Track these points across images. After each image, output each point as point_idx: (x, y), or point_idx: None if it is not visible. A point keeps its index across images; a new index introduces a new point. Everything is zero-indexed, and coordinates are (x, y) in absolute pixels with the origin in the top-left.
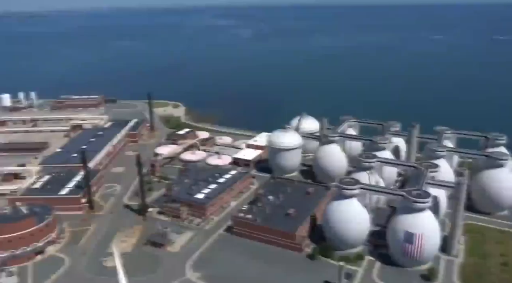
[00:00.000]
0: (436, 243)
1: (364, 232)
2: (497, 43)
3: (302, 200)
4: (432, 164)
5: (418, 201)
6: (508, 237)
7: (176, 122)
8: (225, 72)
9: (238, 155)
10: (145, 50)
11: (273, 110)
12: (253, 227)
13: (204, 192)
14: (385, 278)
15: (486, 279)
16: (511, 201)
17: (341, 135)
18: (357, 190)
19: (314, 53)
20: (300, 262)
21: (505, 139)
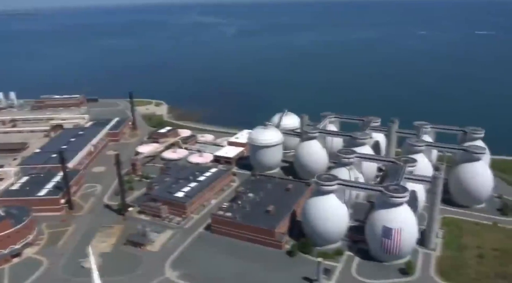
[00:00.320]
0: (414, 237)
1: (343, 227)
2: (479, 38)
3: (282, 197)
4: (410, 158)
5: (395, 196)
6: (484, 230)
7: (158, 121)
8: (208, 69)
9: (220, 153)
10: (129, 48)
11: (256, 107)
12: (232, 224)
13: (184, 190)
14: (363, 273)
15: (463, 271)
16: (488, 194)
17: (321, 131)
18: (335, 186)
19: (298, 49)
20: (279, 258)
21: (483, 133)
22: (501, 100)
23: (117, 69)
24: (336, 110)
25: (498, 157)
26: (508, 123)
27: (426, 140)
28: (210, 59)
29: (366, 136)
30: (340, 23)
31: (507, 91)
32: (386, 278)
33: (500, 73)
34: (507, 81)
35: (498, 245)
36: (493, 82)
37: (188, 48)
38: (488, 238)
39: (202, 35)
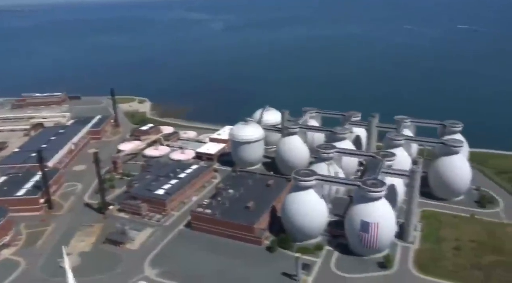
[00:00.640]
0: (392, 231)
1: (322, 222)
2: (461, 32)
3: (262, 193)
4: (389, 153)
5: (372, 190)
6: (462, 222)
7: (141, 118)
8: (194, 66)
9: (201, 149)
10: (115, 45)
11: (240, 102)
12: (212, 221)
13: (164, 188)
14: (342, 268)
15: (440, 264)
16: (466, 186)
17: (301, 126)
18: (313, 182)
19: (283, 44)
20: (259, 254)
21: (461, 126)
22: (480, 93)
23: (101, 66)
24: (319, 105)
25: (477, 150)
26: (487, 116)
27: (406, 134)
28: (196, 55)
29: (346, 131)
30: (325, 18)
31: (485, 84)
32: (365, 272)
33: (479, 66)
34: (485, 74)
35: (475, 236)
36: (473, 75)
37: (174, 45)
38: (465, 230)
39: (189, 31)
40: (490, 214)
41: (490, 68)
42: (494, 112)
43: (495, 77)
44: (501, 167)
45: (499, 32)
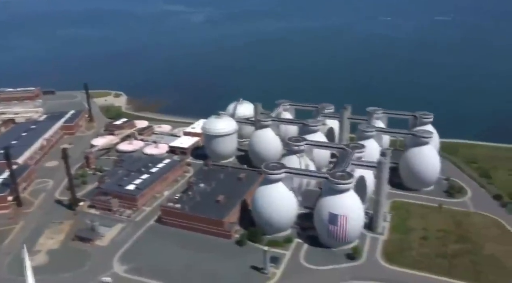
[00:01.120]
0: (360, 222)
1: (292, 215)
2: (437, 24)
3: (234, 186)
4: (359, 144)
5: (340, 182)
6: (430, 212)
7: (116, 112)
8: (172, 59)
9: (175, 143)
10: (91, 38)
11: (215, 95)
12: (182, 216)
13: (135, 183)
14: (311, 260)
15: (407, 253)
16: (436, 177)
17: (273, 119)
18: (282, 174)
19: (262, 37)
20: (228, 248)
21: (432, 117)
22: (453, 84)
23: (77, 59)
24: (295, 97)
25: (448, 140)
26: (458, 106)
27: (378, 126)
28: (174, 48)
29: (317, 123)
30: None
31: (458, 75)
32: (333, 264)
33: (452, 57)
34: (458, 65)
35: (442, 226)
36: (445, 66)
37: (152, 38)
38: (433, 220)
39: (168, 24)
40: (458, 203)
41: (463, 58)
42: (465, 102)
43: (467, 67)
44: (471, 156)
45: (474, 22)
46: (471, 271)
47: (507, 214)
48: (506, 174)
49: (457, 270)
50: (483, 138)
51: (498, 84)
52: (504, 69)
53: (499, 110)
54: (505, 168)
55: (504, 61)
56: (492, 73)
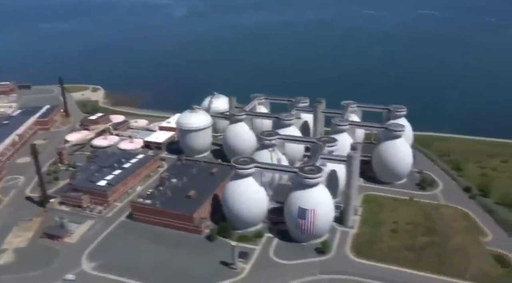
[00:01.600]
0: (330, 217)
1: (262, 210)
2: (421, 17)
3: (206, 181)
4: (330, 138)
5: (309, 177)
6: (401, 205)
7: (92, 107)
8: (152, 53)
9: (150, 138)
10: (70, 31)
11: (193, 89)
12: (152, 211)
13: (107, 178)
14: (281, 255)
15: (376, 247)
16: (408, 170)
17: (247, 113)
18: (252, 169)
19: (244, 30)
20: (199, 244)
21: (405, 110)
22: (430, 78)
23: (55, 53)
24: (274, 91)
25: (422, 133)
26: (434, 100)
27: (351, 119)
28: (156, 42)
29: (291, 117)
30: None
31: (435, 69)
32: (303, 258)
33: (431, 51)
34: (437, 58)
35: (412, 219)
36: (424, 60)
37: (134, 31)
38: (403, 213)
39: (150, 17)
40: (429, 196)
41: (441, 52)
42: (442, 96)
43: (445, 61)
44: (444, 149)
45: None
46: (437, 263)
47: (476, 206)
48: (476, 167)
49: (424, 263)
50: (457, 131)
51: (474, 78)
52: (480, 63)
53: (474, 103)
54: (475, 160)
55: (481, 55)
56: (469, 67)
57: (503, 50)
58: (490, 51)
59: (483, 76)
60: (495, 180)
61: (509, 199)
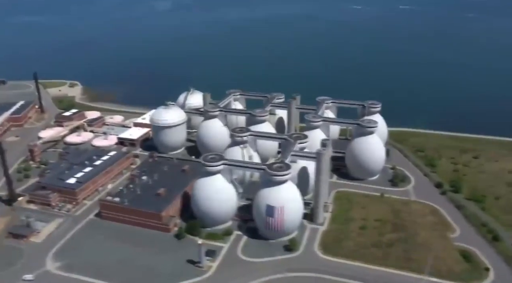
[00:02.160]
0: (298, 214)
1: (231, 207)
2: (401, 12)
3: (177, 178)
4: (302, 135)
5: (276, 174)
6: (372, 201)
7: (69, 103)
8: (132, 48)
9: (124, 135)
10: (48, 26)
11: (172, 85)
12: (120, 209)
13: (76, 176)
14: (248, 253)
15: (343, 244)
16: (380, 166)
17: (221, 109)
18: (220, 167)
19: (228, 25)
20: (167, 242)
21: (380, 106)
22: (407, 73)
23: (32, 48)
24: (252, 86)
25: (399, 129)
26: (411, 95)
27: (326, 115)
28: (136, 37)
29: (264, 113)
30: None
31: (413, 64)
32: (270, 256)
33: (409, 46)
34: (414, 54)
35: (381, 215)
36: (402, 55)
37: (114, 26)
38: (373, 210)
39: (132, 11)
40: (401, 192)
41: (419, 47)
42: (419, 91)
43: (423, 56)
44: (420, 145)
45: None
46: (402, 259)
47: (446, 201)
48: (448, 162)
49: (390, 259)
50: (434, 127)
51: (452, 73)
52: (457, 59)
53: (451, 99)
54: (448, 156)
55: (458, 51)
56: (446, 62)
57: (481, 46)
58: (468, 46)
59: (461, 72)
60: (466, 175)
61: (478, 194)
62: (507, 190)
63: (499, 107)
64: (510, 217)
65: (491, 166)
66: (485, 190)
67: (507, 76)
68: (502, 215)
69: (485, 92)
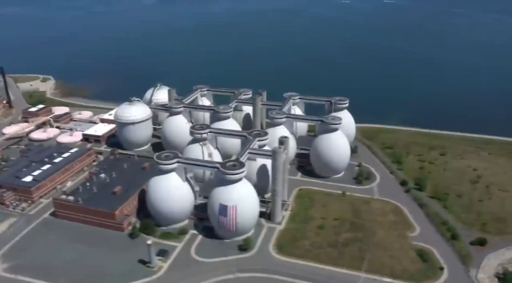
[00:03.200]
0: (253, 213)
1: (186, 206)
2: (386, 7)
3: (135, 176)
4: (262, 132)
5: (229, 172)
6: (333, 200)
7: (39, 98)
8: (108, 41)
9: (89, 131)
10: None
11: (145, 80)
12: (74, 208)
13: (34, 174)
14: (202, 252)
15: (299, 244)
16: (345, 164)
17: (185, 105)
18: (174, 165)
19: (211, 19)
20: (120, 241)
21: (347, 102)
22: (381, 69)
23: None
24: (225, 83)
25: (369, 125)
26: (383, 91)
27: (293, 112)
28: (115, 31)
29: (228, 109)
30: None
31: (387, 60)
32: (224, 256)
33: (386, 41)
34: (390, 49)
35: (340, 214)
36: (377, 51)
37: (96, 19)
38: (333, 208)
39: (116, 5)
40: (365, 190)
41: (396, 42)
42: (391, 87)
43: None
44: (389, 142)
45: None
46: (357, 259)
47: (410, 200)
48: (415, 159)
49: (344, 259)
50: (405, 123)
51: (426, 69)
52: (435, 55)
53: (424, 95)
54: (416, 153)
55: (436, 46)
56: (423, 58)
57: (461, 42)
58: (448, 42)
59: (436, 68)
60: (432, 173)
61: (440, 192)
62: (470, 187)
63: (471, 103)
64: (470, 215)
65: (457, 164)
66: (449, 188)
67: (483, 72)
68: (463, 213)
69: (459, 88)
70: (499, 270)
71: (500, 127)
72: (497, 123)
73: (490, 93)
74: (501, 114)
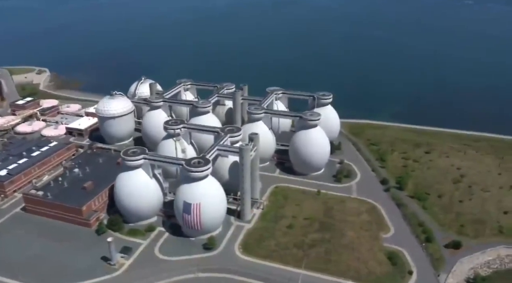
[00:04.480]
0: (219, 211)
1: (154, 203)
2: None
3: (108, 171)
4: (235, 128)
5: (193, 170)
6: (307, 198)
7: (31, 90)
8: (104, 34)
9: (72, 125)
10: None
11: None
12: (43, 203)
13: (8, 168)
14: (166, 251)
15: (265, 243)
16: (325, 161)
17: (165, 100)
18: (141, 161)
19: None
20: (87, 238)
21: (331, 97)
22: (372, 63)
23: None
24: (211, 77)
25: (356, 121)
26: (371, 87)
27: (276, 107)
28: (112, 23)
29: (207, 104)
30: None
31: (376, 54)
32: (187, 255)
33: (378, 34)
34: (379, 42)
35: (310, 214)
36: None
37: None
38: (305, 207)
39: None
40: (342, 188)
41: (387, 35)
42: (380, 83)
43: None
44: (375, 138)
45: None
46: (322, 261)
47: (389, 199)
48: (399, 157)
49: (309, 261)
50: (393, 119)
51: (417, 63)
52: (427, 49)
53: (413, 90)
54: (401, 150)
55: (429, 40)
56: (412, 54)
57: (453, 35)
58: (440, 35)
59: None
60: (415, 171)
61: (421, 192)
62: (452, 187)
63: (462, 99)
64: (448, 216)
65: (441, 162)
66: (430, 187)
67: (474, 66)
68: (441, 214)
69: (450, 83)
70: (471, 274)
71: (490, 124)
72: (487, 119)
73: (482, 89)
74: (491, 110)
